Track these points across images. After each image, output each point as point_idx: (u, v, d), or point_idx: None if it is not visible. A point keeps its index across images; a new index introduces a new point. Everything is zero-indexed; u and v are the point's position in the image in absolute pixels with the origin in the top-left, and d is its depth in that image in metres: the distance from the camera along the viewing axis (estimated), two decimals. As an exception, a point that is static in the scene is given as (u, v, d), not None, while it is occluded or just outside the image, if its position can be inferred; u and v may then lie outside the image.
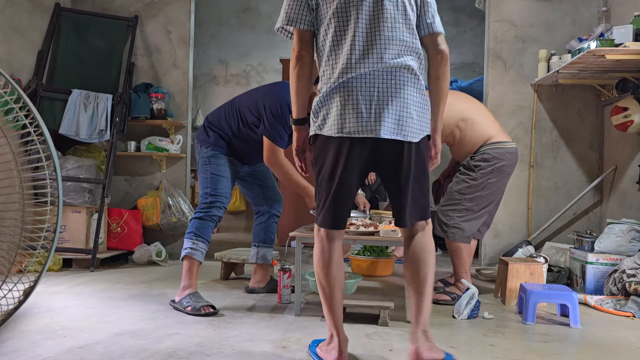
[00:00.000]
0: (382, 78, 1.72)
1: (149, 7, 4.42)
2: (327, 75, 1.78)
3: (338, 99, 1.73)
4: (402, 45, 1.74)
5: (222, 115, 2.83)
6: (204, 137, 2.82)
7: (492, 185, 2.89)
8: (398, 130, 1.71)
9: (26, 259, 2.20)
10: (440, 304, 2.86)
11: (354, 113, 1.70)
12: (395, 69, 1.72)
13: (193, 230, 2.70)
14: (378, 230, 2.62)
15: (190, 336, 2.18)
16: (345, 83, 1.72)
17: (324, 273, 1.81)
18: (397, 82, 1.72)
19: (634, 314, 2.68)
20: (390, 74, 1.72)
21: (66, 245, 3.80)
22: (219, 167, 2.76)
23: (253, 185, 3.05)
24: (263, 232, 3.08)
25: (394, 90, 1.72)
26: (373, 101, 1.71)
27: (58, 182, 2.14)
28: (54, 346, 2.01)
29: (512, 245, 4.03)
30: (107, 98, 4.03)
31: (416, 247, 1.81)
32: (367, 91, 1.71)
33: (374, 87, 1.71)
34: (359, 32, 1.72)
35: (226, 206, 2.78)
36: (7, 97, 2.09)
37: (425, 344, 1.75)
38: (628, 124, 3.41)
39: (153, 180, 4.41)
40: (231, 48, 6.91)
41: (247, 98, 2.81)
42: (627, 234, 3.12)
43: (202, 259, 2.71)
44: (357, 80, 1.71)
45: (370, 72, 1.71)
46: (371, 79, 1.71)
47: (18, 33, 3.83)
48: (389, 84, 1.72)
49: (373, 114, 1.70)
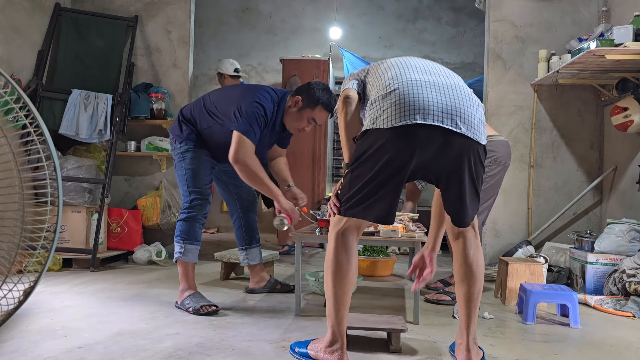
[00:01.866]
0: (448, 88, 1.75)
1: (149, 7, 4.42)
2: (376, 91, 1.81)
3: (394, 101, 1.71)
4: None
5: (196, 111, 2.76)
6: (177, 132, 2.75)
7: (490, 178, 2.91)
8: (465, 128, 1.70)
9: (26, 259, 2.20)
10: (441, 304, 2.87)
11: (419, 103, 1.68)
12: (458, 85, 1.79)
13: (179, 234, 2.69)
14: (378, 230, 2.62)
15: (190, 336, 2.18)
16: (404, 84, 1.73)
17: (339, 274, 1.79)
18: (462, 89, 1.77)
19: (634, 314, 2.68)
20: (456, 85, 1.78)
21: (66, 245, 3.79)
22: (194, 161, 2.69)
23: (227, 185, 3.00)
24: (245, 233, 3.06)
25: (461, 94, 1.74)
26: (439, 98, 1.70)
27: (58, 182, 2.14)
28: (54, 346, 2.01)
29: (512, 245, 4.03)
30: (107, 98, 4.03)
31: (470, 262, 1.83)
32: (435, 88, 1.73)
33: (440, 92, 1.72)
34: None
35: (209, 199, 2.73)
36: (7, 97, 2.09)
37: (477, 354, 1.83)
38: (628, 124, 3.41)
39: (153, 180, 4.41)
40: (231, 48, 6.91)
41: (222, 96, 2.74)
42: (627, 234, 3.12)
43: (195, 259, 2.71)
44: (421, 82, 1.73)
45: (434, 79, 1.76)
46: (435, 89, 1.73)
47: (18, 33, 3.83)
48: (455, 87, 1.76)
49: (440, 106, 1.69)
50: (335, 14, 6.48)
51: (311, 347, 1.91)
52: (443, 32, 6.75)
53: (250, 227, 3.06)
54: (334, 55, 6.01)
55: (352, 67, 5.96)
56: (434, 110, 1.67)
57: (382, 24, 6.83)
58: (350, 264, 1.81)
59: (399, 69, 1.81)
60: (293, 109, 2.67)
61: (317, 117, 2.67)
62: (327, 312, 1.84)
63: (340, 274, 1.79)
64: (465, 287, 1.83)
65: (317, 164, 5.24)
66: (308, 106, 2.64)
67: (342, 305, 1.80)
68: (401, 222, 2.87)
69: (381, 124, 1.70)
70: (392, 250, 4.79)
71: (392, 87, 1.74)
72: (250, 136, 2.52)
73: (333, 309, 1.81)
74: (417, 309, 2.47)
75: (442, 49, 6.74)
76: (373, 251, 3.88)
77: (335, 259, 1.80)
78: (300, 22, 6.89)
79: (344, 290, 1.80)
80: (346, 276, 1.79)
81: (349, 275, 1.80)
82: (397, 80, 1.76)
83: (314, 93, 2.63)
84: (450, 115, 1.68)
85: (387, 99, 1.73)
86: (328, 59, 5.51)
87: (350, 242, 1.82)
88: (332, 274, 1.80)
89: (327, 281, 1.82)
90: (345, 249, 1.80)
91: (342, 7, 6.63)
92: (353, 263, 1.82)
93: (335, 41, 6.32)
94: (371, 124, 1.74)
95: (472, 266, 1.83)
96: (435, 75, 1.79)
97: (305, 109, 2.65)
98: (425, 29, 6.78)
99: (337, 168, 6.93)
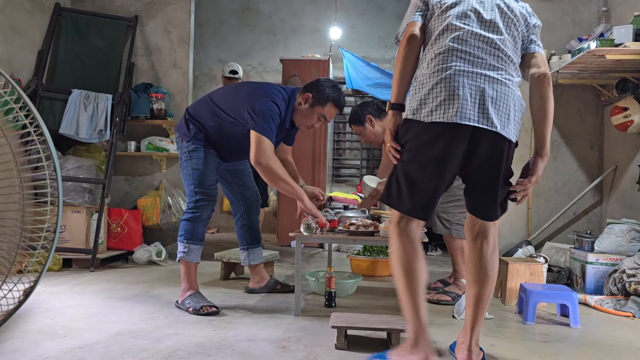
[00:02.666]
0: (489, 79, 1.74)
1: (149, 7, 4.42)
2: (428, 60, 1.77)
3: (438, 86, 1.71)
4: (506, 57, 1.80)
5: (202, 109, 2.75)
6: (184, 131, 2.74)
7: None
8: (501, 127, 1.71)
9: (26, 259, 2.20)
10: (441, 304, 2.87)
11: (458, 100, 1.68)
12: (498, 70, 1.77)
13: (183, 233, 2.68)
14: (378, 230, 2.62)
15: (190, 336, 2.18)
16: (448, 73, 1.71)
17: (405, 271, 1.73)
18: (503, 84, 1.75)
19: (634, 314, 2.68)
20: (497, 73, 1.76)
21: (66, 245, 3.79)
22: (200, 161, 2.68)
23: (232, 184, 2.99)
24: (247, 233, 3.05)
25: (500, 92, 1.74)
26: (478, 94, 1.70)
27: (58, 182, 2.14)
28: (54, 346, 2.01)
29: (512, 245, 4.02)
30: (107, 98, 4.03)
31: (485, 263, 1.81)
32: (472, 83, 1.71)
33: (479, 82, 1.72)
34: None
35: (214, 200, 2.72)
36: (7, 97, 2.09)
37: (478, 355, 1.82)
38: (628, 124, 3.41)
39: (153, 180, 4.41)
40: (231, 48, 6.91)
41: (229, 95, 2.73)
42: (627, 234, 3.12)
43: (198, 259, 2.71)
44: (461, 76, 1.71)
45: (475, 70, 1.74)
46: (477, 79, 1.72)
47: (18, 33, 3.83)
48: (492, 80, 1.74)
49: (478, 105, 1.70)
50: (335, 14, 6.49)
51: (393, 354, 1.79)
52: (443, 32, 6.75)
53: (252, 227, 3.06)
54: (334, 55, 6.02)
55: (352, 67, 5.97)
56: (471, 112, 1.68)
57: (382, 23, 6.83)
58: (418, 253, 1.76)
59: (456, 41, 1.75)
60: (303, 106, 2.68)
61: (327, 113, 2.69)
62: (403, 310, 1.76)
63: (410, 265, 1.74)
64: (477, 288, 1.81)
65: (317, 164, 5.25)
66: (318, 103, 2.66)
67: (418, 298, 1.73)
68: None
69: (422, 116, 1.71)
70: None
71: (442, 70, 1.72)
72: (269, 136, 2.52)
73: (409, 305, 1.73)
74: (417, 309, 2.47)
75: (442, 49, 6.73)
76: (373, 251, 3.88)
77: (402, 251, 1.76)
78: (300, 22, 6.89)
79: (416, 282, 1.73)
80: (416, 266, 1.74)
81: (418, 265, 1.74)
82: (448, 60, 1.73)
83: (323, 90, 2.65)
84: (487, 116, 1.70)
85: (433, 82, 1.72)
86: (328, 59, 5.51)
87: (413, 231, 1.78)
88: (401, 267, 1.74)
89: (397, 277, 1.76)
90: (410, 239, 1.76)
91: (342, 7, 6.64)
92: (420, 252, 1.76)
93: (335, 41, 6.32)
94: (412, 111, 1.75)
95: (487, 268, 1.81)
96: (489, 55, 1.75)
97: (315, 106, 2.66)
98: (425, 29, 6.77)
99: (337, 168, 6.94)
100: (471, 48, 1.75)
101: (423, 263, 1.76)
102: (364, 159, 6.91)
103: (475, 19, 1.78)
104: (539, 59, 1.90)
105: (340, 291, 2.96)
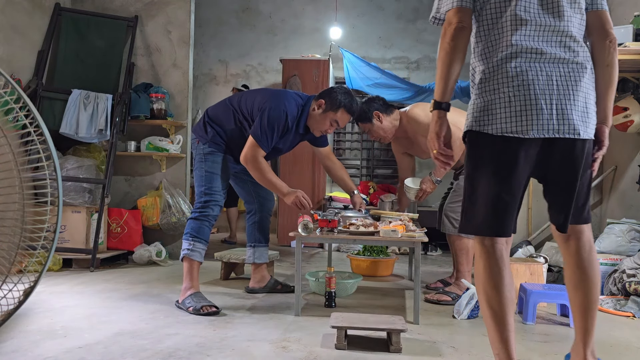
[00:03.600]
0: (559, 69, 1.55)
1: (149, 7, 4.42)
2: (487, 56, 1.58)
3: (505, 89, 1.53)
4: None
5: (221, 111, 2.83)
6: (202, 133, 2.81)
7: None
8: (584, 128, 1.55)
9: (26, 259, 2.20)
10: (441, 304, 2.87)
11: (531, 109, 1.51)
12: (571, 61, 1.57)
13: (189, 231, 2.71)
14: (378, 230, 2.62)
15: (190, 336, 2.18)
16: (513, 72, 1.53)
17: (495, 292, 1.55)
18: (574, 72, 1.56)
19: (634, 314, 2.68)
20: (567, 65, 1.56)
21: (66, 245, 3.79)
22: (215, 165, 2.76)
23: (246, 182, 3.04)
24: (257, 231, 3.08)
25: (573, 82, 1.55)
26: (553, 95, 1.52)
27: (58, 182, 2.14)
28: (54, 346, 2.01)
29: (512, 245, 4.02)
30: (107, 98, 4.03)
31: (585, 265, 1.63)
32: (544, 83, 1.53)
33: (552, 79, 1.53)
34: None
35: (221, 204, 2.78)
36: (7, 97, 2.09)
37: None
38: (628, 124, 3.41)
39: (153, 180, 4.41)
40: (231, 48, 6.91)
41: (248, 98, 2.82)
42: (627, 234, 3.12)
43: (202, 259, 2.72)
44: (531, 71, 1.53)
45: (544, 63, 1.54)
46: (547, 70, 1.54)
47: (18, 33, 3.83)
48: (568, 74, 1.55)
49: (555, 110, 1.52)
50: (336, 14, 6.48)
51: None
52: (443, 32, 6.74)
53: (263, 226, 3.10)
54: (334, 55, 6.01)
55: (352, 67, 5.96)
56: (548, 122, 1.52)
57: (382, 24, 6.83)
58: (506, 275, 1.57)
59: (521, 35, 1.54)
60: (317, 112, 2.78)
61: (339, 119, 2.79)
62: (490, 339, 1.61)
63: (498, 288, 1.55)
64: (581, 294, 1.62)
65: (317, 164, 5.24)
66: (331, 109, 2.76)
67: (505, 326, 1.55)
68: (401, 222, 2.88)
69: (491, 128, 1.54)
70: (392, 250, 4.79)
71: (509, 72, 1.53)
72: (263, 145, 2.66)
73: (496, 333, 1.57)
74: (417, 309, 2.47)
75: (442, 49, 6.73)
76: (373, 251, 3.88)
77: (489, 272, 1.58)
78: (300, 22, 6.89)
79: (505, 307, 1.55)
80: (503, 289, 1.55)
81: (506, 288, 1.56)
82: (515, 48, 1.53)
83: (336, 96, 2.76)
84: (568, 121, 1.53)
85: (499, 86, 1.54)
86: (328, 59, 5.51)
87: (501, 252, 1.59)
88: (491, 289, 1.56)
89: (484, 302, 1.59)
90: (496, 259, 1.58)
91: (342, 7, 6.63)
92: (508, 274, 1.58)
93: (335, 41, 6.32)
94: (477, 122, 1.57)
95: (587, 269, 1.62)
96: (559, 46, 1.56)
97: (328, 111, 2.77)
98: (425, 29, 6.78)
99: (337, 168, 6.93)
100: (540, 42, 1.54)
101: (512, 286, 1.59)
102: (364, 159, 6.91)
103: (537, 2, 1.57)
104: (603, 18, 1.64)
105: (340, 291, 2.96)
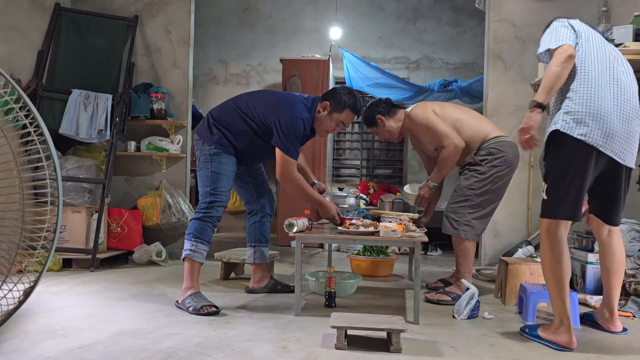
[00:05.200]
0: (632, 111, 2.17)
1: (149, 7, 4.42)
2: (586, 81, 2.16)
3: (597, 111, 2.10)
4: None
5: (227, 113, 2.82)
6: (207, 135, 2.79)
7: (500, 178, 2.92)
8: (634, 162, 2.22)
9: (26, 259, 2.20)
10: (441, 304, 2.87)
11: (613, 135, 2.10)
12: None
13: (192, 232, 2.70)
14: (378, 230, 2.62)
15: (190, 336, 2.18)
16: (603, 103, 2.12)
17: (559, 267, 2.14)
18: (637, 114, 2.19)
19: (634, 314, 2.68)
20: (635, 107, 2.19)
21: (66, 245, 3.79)
22: (220, 166, 2.75)
23: (248, 183, 3.05)
24: (258, 231, 3.08)
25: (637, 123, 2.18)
26: (626, 130, 2.13)
27: (58, 182, 2.14)
28: (54, 346, 2.01)
29: (512, 245, 4.02)
30: (107, 98, 4.03)
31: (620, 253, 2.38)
32: (624, 122, 2.13)
33: (628, 116, 2.14)
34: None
35: (226, 205, 2.78)
36: (7, 97, 2.09)
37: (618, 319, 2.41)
38: (628, 124, 3.41)
39: (153, 180, 4.41)
40: (231, 48, 6.91)
41: (255, 101, 2.81)
42: (627, 234, 3.12)
43: (203, 259, 2.72)
44: (614, 105, 2.13)
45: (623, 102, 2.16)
46: (625, 110, 2.15)
47: (18, 33, 3.83)
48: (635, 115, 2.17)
49: (625, 140, 2.14)
50: (335, 14, 6.48)
51: (541, 330, 2.22)
52: (443, 32, 6.75)
53: (264, 226, 3.10)
54: (334, 55, 6.01)
55: (352, 67, 5.96)
56: (615, 147, 2.12)
57: (382, 24, 6.83)
58: (566, 253, 2.15)
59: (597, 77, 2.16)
60: (322, 114, 2.81)
61: (344, 119, 2.81)
62: (552, 300, 2.17)
63: (561, 262, 2.13)
64: (617, 277, 2.36)
65: (317, 164, 5.25)
66: (336, 110, 2.79)
67: (564, 290, 2.13)
68: (401, 222, 2.88)
69: (579, 133, 2.10)
70: (392, 250, 4.79)
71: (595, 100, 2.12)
72: (292, 155, 2.69)
73: (557, 295, 2.14)
74: (417, 309, 2.47)
75: (442, 49, 6.74)
76: (373, 251, 3.88)
77: (554, 251, 2.14)
78: (300, 22, 6.89)
79: (564, 276, 2.13)
80: (566, 263, 2.14)
81: (567, 262, 2.15)
82: (597, 91, 2.14)
83: (340, 97, 2.79)
84: (630, 154, 2.17)
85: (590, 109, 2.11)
86: (328, 59, 5.51)
87: (562, 236, 2.15)
88: (556, 263, 2.14)
89: (548, 272, 2.17)
90: (558, 241, 2.14)
91: (342, 7, 6.63)
92: (566, 251, 2.16)
93: (335, 41, 6.32)
94: (568, 127, 2.11)
95: (617, 254, 2.37)
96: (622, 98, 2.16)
97: (333, 112, 2.79)
98: (425, 29, 6.78)
99: (337, 168, 6.94)
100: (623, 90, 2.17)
101: (569, 260, 2.18)
102: (364, 159, 6.91)
103: (618, 63, 2.24)
104: None
105: (340, 291, 2.96)
